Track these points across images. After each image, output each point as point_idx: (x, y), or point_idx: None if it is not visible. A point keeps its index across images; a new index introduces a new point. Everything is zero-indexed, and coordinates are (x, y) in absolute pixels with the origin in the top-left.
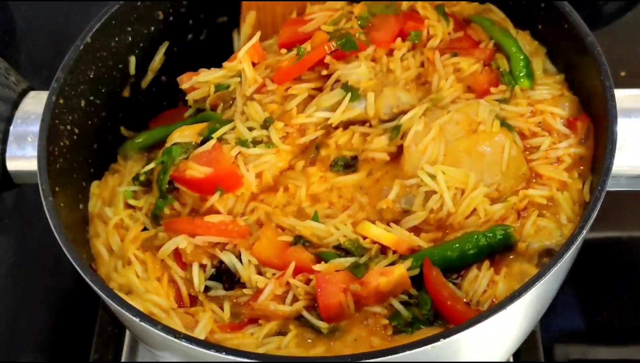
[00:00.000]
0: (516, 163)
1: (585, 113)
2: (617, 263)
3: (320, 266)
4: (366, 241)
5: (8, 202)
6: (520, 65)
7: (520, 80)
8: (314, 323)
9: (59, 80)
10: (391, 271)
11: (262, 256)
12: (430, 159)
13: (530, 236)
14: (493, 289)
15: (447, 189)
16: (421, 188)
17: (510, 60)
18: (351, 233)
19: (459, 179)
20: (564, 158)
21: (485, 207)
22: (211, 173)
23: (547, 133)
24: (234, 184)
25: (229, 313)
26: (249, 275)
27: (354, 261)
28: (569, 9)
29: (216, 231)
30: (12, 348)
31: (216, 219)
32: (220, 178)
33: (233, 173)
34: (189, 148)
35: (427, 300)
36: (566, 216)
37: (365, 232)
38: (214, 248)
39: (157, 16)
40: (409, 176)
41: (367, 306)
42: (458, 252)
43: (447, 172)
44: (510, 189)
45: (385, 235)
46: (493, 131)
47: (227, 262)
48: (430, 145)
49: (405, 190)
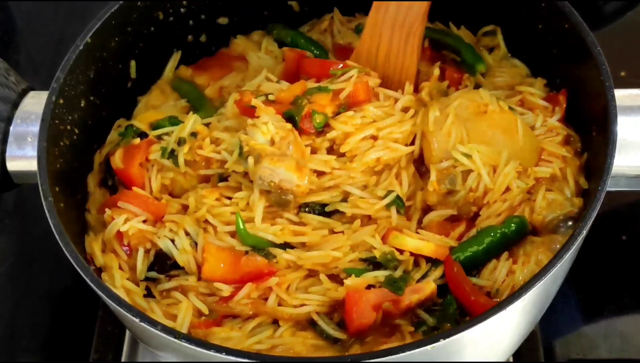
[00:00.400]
0: (529, 137)
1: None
2: (617, 263)
3: (351, 281)
4: (404, 254)
5: (8, 202)
6: (470, 53)
7: (477, 65)
8: (331, 334)
9: (59, 80)
10: (423, 289)
11: (215, 277)
12: (456, 141)
13: (544, 209)
14: (512, 277)
15: (483, 166)
16: (457, 168)
17: (460, 53)
18: (382, 246)
19: (492, 157)
20: (558, 130)
21: (517, 182)
22: (122, 169)
23: (529, 111)
24: (138, 185)
25: (206, 308)
26: (187, 259)
27: (389, 275)
28: (569, 9)
29: (138, 202)
30: (12, 348)
31: (142, 192)
32: (128, 175)
33: (139, 174)
34: (139, 133)
35: (452, 301)
36: (570, 191)
37: (400, 244)
38: (153, 235)
39: (157, 16)
40: (439, 160)
41: (392, 319)
42: (479, 247)
43: (481, 151)
44: (530, 162)
45: (424, 245)
46: (504, 110)
47: (164, 247)
48: (452, 128)
49: (442, 173)
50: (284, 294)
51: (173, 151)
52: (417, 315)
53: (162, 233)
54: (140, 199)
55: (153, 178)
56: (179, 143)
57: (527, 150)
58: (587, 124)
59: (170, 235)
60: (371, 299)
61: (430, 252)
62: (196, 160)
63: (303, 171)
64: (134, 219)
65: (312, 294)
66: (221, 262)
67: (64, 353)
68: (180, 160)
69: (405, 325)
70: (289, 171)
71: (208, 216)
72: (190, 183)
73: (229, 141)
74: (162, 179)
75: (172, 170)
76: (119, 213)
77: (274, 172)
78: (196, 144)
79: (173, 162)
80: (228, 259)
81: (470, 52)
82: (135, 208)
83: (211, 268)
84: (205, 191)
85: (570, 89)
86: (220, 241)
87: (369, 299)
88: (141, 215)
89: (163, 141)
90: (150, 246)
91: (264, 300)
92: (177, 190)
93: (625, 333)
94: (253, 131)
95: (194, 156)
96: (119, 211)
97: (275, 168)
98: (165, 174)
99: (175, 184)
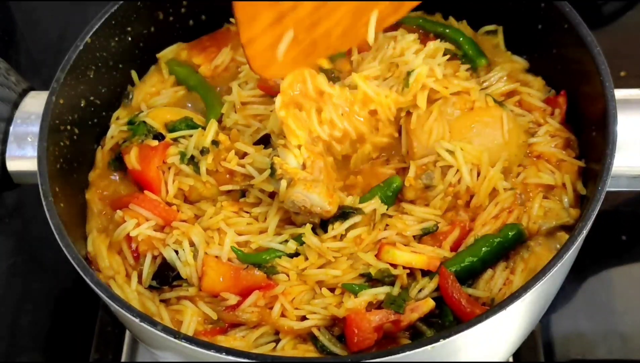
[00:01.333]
0: (515, 132)
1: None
2: (617, 263)
3: (352, 303)
4: (397, 269)
5: (8, 202)
6: (471, 47)
7: (478, 60)
8: (332, 350)
9: (59, 80)
10: (421, 307)
11: (216, 289)
12: (437, 138)
13: (540, 218)
14: (509, 286)
15: (464, 164)
16: (438, 163)
17: (462, 46)
18: (377, 263)
19: (476, 156)
20: (558, 133)
21: (504, 184)
22: (138, 170)
23: (528, 112)
24: (154, 187)
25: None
26: (190, 272)
27: (388, 293)
28: (569, 9)
29: (149, 206)
30: (12, 348)
31: (153, 196)
32: (144, 177)
33: (157, 177)
34: (151, 131)
35: (448, 312)
36: (568, 199)
37: (392, 259)
38: (160, 244)
39: (157, 16)
40: (420, 156)
41: (391, 335)
42: (476, 257)
43: (464, 148)
44: (516, 158)
45: (415, 258)
46: (489, 106)
47: (167, 257)
48: (434, 125)
49: (421, 169)
50: (289, 305)
51: (193, 157)
52: (415, 327)
53: (169, 240)
54: (151, 203)
55: (170, 183)
56: (202, 151)
57: (514, 144)
58: (587, 124)
59: (174, 246)
60: (373, 321)
61: (421, 265)
62: (218, 170)
63: (333, 197)
64: (144, 224)
65: (314, 306)
66: (220, 275)
67: (64, 353)
68: (202, 169)
69: (404, 337)
70: (321, 198)
71: (222, 224)
72: (209, 192)
73: (254, 157)
74: (180, 185)
75: (192, 176)
76: (130, 216)
77: (307, 198)
78: (221, 156)
79: (193, 169)
80: (228, 272)
81: (472, 46)
82: (147, 212)
83: (211, 281)
84: (226, 203)
85: (570, 89)
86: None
87: (370, 322)
88: (151, 219)
89: (180, 145)
90: (158, 254)
91: (270, 309)
92: (193, 196)
93: (625, 333)
94: (285, 153)
95: (217, 166)
96: (130, 213)
97: (308, 193)
98: (183, 179)
99: (193, 191)
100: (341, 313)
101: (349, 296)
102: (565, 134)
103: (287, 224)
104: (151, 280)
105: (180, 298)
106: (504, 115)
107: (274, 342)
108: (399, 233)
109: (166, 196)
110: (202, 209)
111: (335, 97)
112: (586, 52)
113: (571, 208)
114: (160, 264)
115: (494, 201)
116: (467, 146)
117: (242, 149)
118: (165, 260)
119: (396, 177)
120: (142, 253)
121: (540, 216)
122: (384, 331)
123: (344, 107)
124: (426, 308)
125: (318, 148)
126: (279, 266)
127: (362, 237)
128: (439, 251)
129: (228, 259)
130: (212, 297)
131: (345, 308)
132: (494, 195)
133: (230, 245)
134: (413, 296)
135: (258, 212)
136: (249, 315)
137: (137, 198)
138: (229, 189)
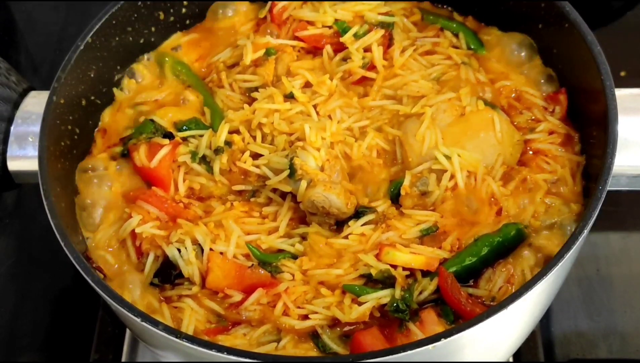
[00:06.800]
0: (509, 132)
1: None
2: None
3: (356, 314)
4: (397, 269)
5: (8, 202)
6: (471, 37)
7: (478, 51)
8: (334, 350)
9: (60, 80)
10: (425, 321)
11: (221, 286)
12: (430, 145)
13: (542, 215)
14: (510, 285)
15: (459, 170)
16: (432, 166)
17: (464, 38)
18: (377, 264)
19: (472, 163)
20: (558, 129)
21: (501, 190)
22: (149, 168)
23: (527, 110)
24: (165, 184)
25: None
26: (192, 271)
27: (390, 294)
28: (569, 9)
29: (156, 202)
30: (12, 348)
31: (161, 193)
32: (155, 175)
33: (167, 175)
34: (158, 130)
35: (449, 311)
36: (569, 194)
37: (392, 260)
38: (163, 242)
39: (157, 16)
40: (415, 165)
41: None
42: (477, 257)
43: (462, 155)
44: (513, 157)
45: (414, 259)
46: (480, 109)
47: (170, 255)
48: (427, 133)
49: (416, 177)
50: (291, 303)
51: (204, 156)
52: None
53: (173, 238)
54: (158, 199)
55: (180, 181)
56: (216, 151)
57: (508, 144)
58: (587, 123)
59: (177, 245)
60: (378, 335)
61: (420, 265)
62: (232, 170)
63: (351, 199)
64: (149, 222)
65: (316, 306)
66: (225, 273)
67: (64, 353)
68: (216, 169)
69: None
70: (339, 199)
71: (230, 222)
72: (220, 191)
73: (270, 158)
74: (191, 183)
75: (203, 175)
76: (136, 211)
77: (327, 199)
78: (235, 156)
79: (206, 168)
80: (232, 270)
81: (472, 37)
82: (153, 208)
83: (216, 278)
84: (237, 203)
85: (571, 88)
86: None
87: (375, 336)
88: (157, 215)
89: (191, 144)
90: (160, 253)
91: (272, 308)
92: (203, 193)
93: (625, 333)
94: (304, 154)
95: (230, 166)
96: (137, 209)
97: (328, 195)
98: (194, 178)
99: (204, 189)
100: (344, 317)
101: (350, 297)
102: (565, 131)
103: (295, 223)
104: (153, 278)
105: (181, 297)
106: (495, 116)
107: (276, 341)
108: (401, 235)
109: (175, 194)
110: (212, 206)
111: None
112: (586, 52)
113: (572, 203)
114: (163, 262)
115: (496, 193)
116: (464, 153)
117: (255, 151)
118: (168, 258)
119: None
120: (145, 251)
121: (542, 212)
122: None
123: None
124: (430, 322)
125: (335, 151)
126: (283, 266)
127: (365, 234)
128: (438, 251)
129: (233, 256)
130: (214, 295)
131: (350, 317)
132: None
133: (245, 243)
134: (415, 299)
135: (269, 211)
136: (252, 313)
137: (145, 193)
138: (241, 189)
